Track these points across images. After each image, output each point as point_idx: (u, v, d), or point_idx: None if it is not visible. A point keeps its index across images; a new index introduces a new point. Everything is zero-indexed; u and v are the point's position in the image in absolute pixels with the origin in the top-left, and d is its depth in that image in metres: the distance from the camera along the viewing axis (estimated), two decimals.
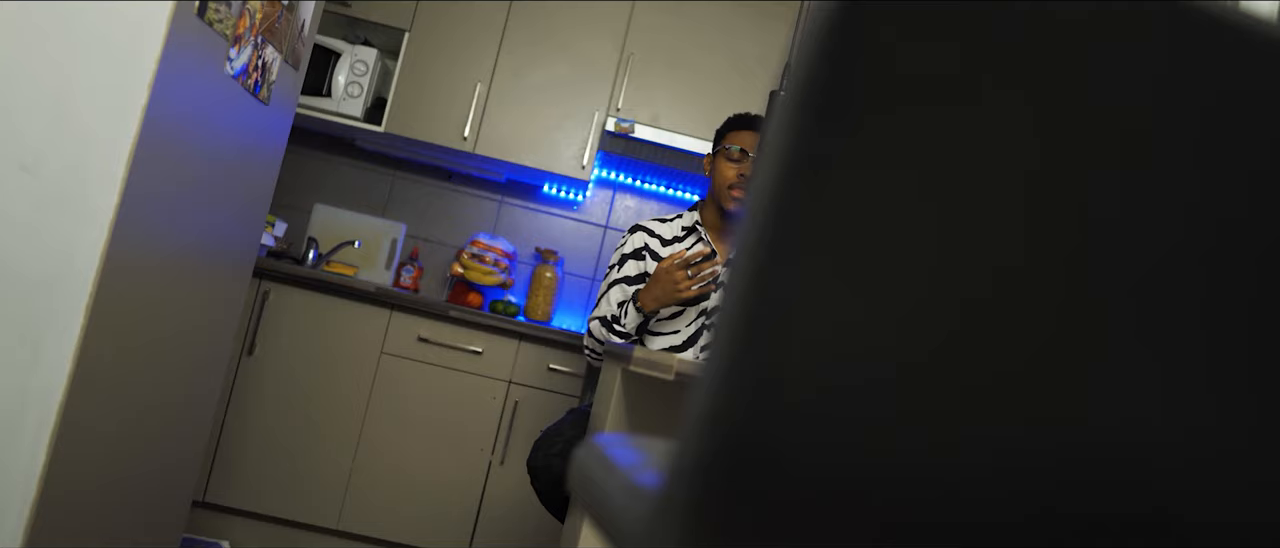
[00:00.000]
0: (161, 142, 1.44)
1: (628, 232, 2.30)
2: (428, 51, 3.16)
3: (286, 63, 1.89)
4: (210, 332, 1.87)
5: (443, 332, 2.88)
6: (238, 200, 1.84)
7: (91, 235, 1.31)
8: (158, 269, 1.55)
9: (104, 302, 1.35)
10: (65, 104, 1.29)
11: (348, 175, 3.47)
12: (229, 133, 1.71)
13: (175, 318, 1.67)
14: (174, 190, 1.54)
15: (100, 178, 1.30)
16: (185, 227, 1.62)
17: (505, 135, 3.17)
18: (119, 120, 1.32)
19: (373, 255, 3.36)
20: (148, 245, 1.48)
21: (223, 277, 1.87)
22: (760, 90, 3.24)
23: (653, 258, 2.23)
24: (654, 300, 2.06)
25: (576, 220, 3.55)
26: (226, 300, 1.92)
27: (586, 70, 3.21)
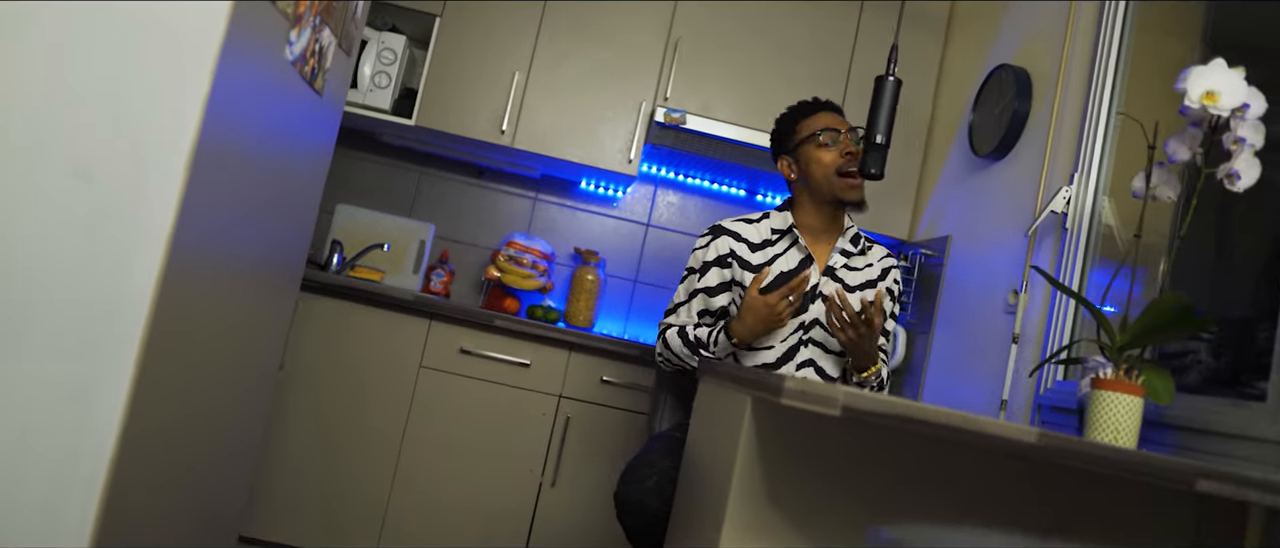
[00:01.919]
0: (221, 139, 1.21)
1: (707, 234, 2.07)
2: (461, 38, 2.92)
3: (340, 48, 1.65)
4: (259, 357, 1.64)
5: (487, 342, 2.66)
6: (290, 204, 1.61)
7: (148, 256, 1.08)
8: (212, 290, 1.32)
9: (158, 335, 1.13)
10: (121, 96, 1.06)
11: (372, 172, 3.23)
12: (284, 128, 1.48)
13: (227, 347, 1.44)
14: (231, 195, 1.31)
15: (159, 182, 1.07)
16: (240, 237, 1.39)
17: (545, 128, 2.94)
18: (179, 113, 1.10)
19: (399, 259, 3.12)
20: (203, 262, 1.25)
21: (273, 292, 1.64)
22: (814, 74, 3.02)
23: (740, 265, 2.01)
24: (750, 334, 1.88)
25: (616, 218, 3.33)
26: (275, 319, 1.69)
27: (631, 57, 2.98)
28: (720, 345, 1.91)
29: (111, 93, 1.06)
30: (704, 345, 1.94)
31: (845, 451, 1.43)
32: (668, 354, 2.02)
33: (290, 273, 1.74)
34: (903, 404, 1.18)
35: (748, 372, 1.40)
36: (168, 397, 1.23)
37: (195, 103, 1.11)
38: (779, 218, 2.06)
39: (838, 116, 2.03)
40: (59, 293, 1.04)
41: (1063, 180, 2.23)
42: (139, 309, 1.07)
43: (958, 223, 2.73)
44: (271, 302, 1.65)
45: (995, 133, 2.55)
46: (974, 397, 2.35)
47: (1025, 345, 2.22)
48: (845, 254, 2.04)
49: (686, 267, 2.09)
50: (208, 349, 1.36)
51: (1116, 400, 1.45)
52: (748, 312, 1.86)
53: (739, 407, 1.40)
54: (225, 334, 1.42)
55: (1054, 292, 2.14)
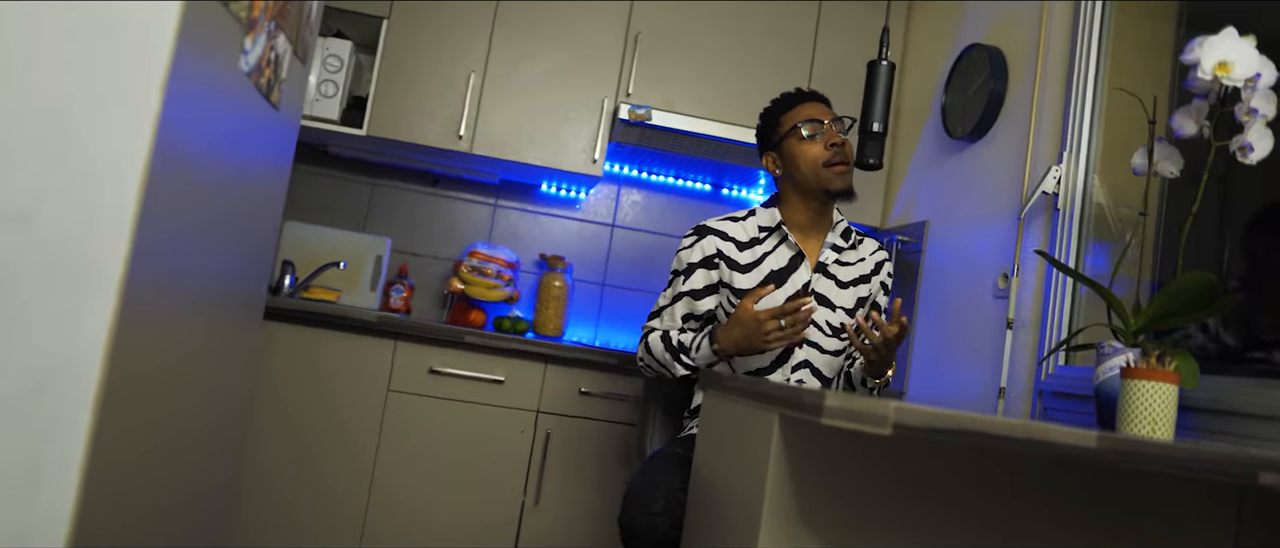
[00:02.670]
0: (175, 165, 1.06)
1: (692, 234, 1.97)
2: (410, 42, 2.77)
3: (296, 56, 1.50)
4: (224, 397, 1.48)
5: (457, 361, 2.51)
6: (249, 229, 1.46)
7: (99, 304, 0.93)
8: (171, 332, 1.16)
9: (114, 396, 0.98)
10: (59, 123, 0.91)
11: (321, 186, 3.05)
12: (241, 147, 1.33)
13: (189, 392, 1.29)
14: (188, 226, 1.16)
15: (109, 218, 0.92)
16: (199, 270, 1.24)
17: (504, 131, 2.80)
18: (128, 135, 0.95)
19: (356, 276, 2.95)
20: (162, 301, 1.10)
21: (236, 323, 1.49)
22: (777, 63, 2.93)
23: (728, 266, 1.91)
24: (733, 347, 1.77)
25: (580, 221, 3.20)
26: (238, 355, 1.54)
27: (590, 55, 2.86)
28: (701, 353, 1.82)
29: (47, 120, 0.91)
30: (686, 351, 1.85)
31: (882, 466, 1.34)
32: (649, 360, 1.93)
33: (252, 301, 1.59)
34: (958, 417, 1.09)
35: (771, 386, 1.29)
36: (126, 457, 1.07)
37: (144, 127, 0.97)
38: (766, 215, 1.97)
39: (822, 106, 1.94)
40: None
41: (1047, 160, 2.18)
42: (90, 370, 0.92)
43: (935, 207, 2.67)
44: (235, 334, 1.49)
45: (971, 114, 2.49)
46: (967, 386, 2.29)
47: (1021, 331, 2.16)
48: (836, 249, 1.95)
49: (671, 269, 1.98)
50: (169, 397, 1.21)
51: (1151, 390, 1.39)
52: (735, 324, 1.76)
53: (763, 426, 1.30)
54: (187, 376, 1.27)
55: (1049, 274, 2.08)
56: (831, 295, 1.92)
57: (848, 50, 2.97)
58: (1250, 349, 1.75)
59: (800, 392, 1.20)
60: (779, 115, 1.96)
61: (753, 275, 1.90)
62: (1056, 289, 2.05)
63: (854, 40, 2.98)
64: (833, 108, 1.95)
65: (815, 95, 1.97)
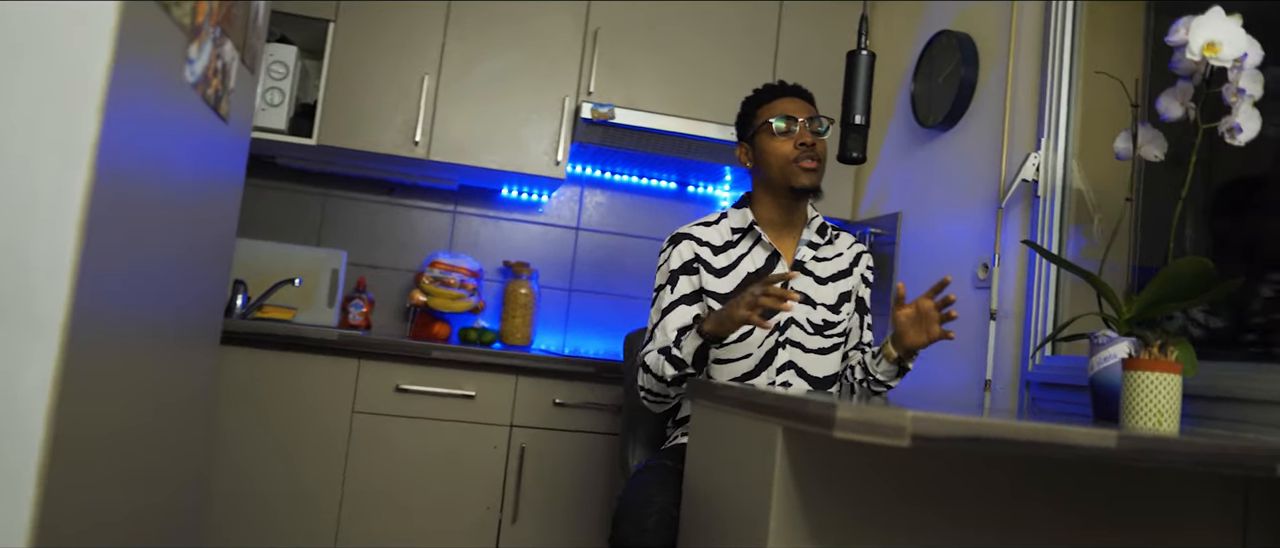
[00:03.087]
0: (118, 192, 0.96)
1: (668, 243, 1.89)
2: (359, 45, 2.65)
3: (243, 64, 1.40)
4: (184, 435, 1.37)
5: (424, 377, 2.41)
6: (201, 253, 1.35)
7: (39, 356, 0.82)
8: (121, 376, 1.06)
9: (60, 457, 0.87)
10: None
11: (270, 200, 2.92)
12: (190, 165, 1.22)
13: (145, 435, 1.18)
14: (134, 260, 1.05)
15: (46, 264, 0.82)
16: (149, 305, 1.13)
17: (462, 135, 2.70)
18: (64, 166, 0.84)
19: (311, 293, 2.83)
20: (108, 348, 1.00)
21: (192, 356, 1.38)
22: (740, 56, 2.87)
23: (706, 270, 1.84)
24: (716, 324, 1.67)
25: (543, 225, 3.11)
26: (197, 386, 1.43)
27: (548, 53, 2.77)
28: (688, 344, 1.71)
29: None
30: (679, 361, 1.74)
31: (887, 472, 1.28)
32: (650, 385, 1.79)
33: (208, 327, 1.48)
34: (978, 425, 1.03)
35: (772, 396, 1.22)
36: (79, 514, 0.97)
37: (82, 156, 0.86)
38: (737, 216, 1.90)
39: (801, 103, 1.87)
40: None
41: (1024, 147, 2.15)
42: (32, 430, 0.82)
43: (908, 198, 2.63)
44: (192, 365, 1.39)
45: (942, 102, 2.45)
46: (951, 380, 2.25)
47: (1004, 321, 2.12)
48: (812, 246, 1.89)
49: (656, 285, 1.90)
50: (123, 444, 1.10)
51: (1154, 382, 1.35)
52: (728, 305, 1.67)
53: (765, 439, 1.23)
54: (142, 419, 1.16)
55: (1032, 263, 2.05)
56: (812, 293, 1.86)
57: (813, 41, 2.92)
58: (1240, 332, 1.73)
59: (805, 402, 1.13)
60: (756, 107, 1.89)
61: (729, 279, 1.84)
62: (1040, 278, 2.02)
63: (819, 30, 2.93)
64: (815, 105, 1.89)
65: (797, 90, 1.90)
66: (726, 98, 2.83)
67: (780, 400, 1.18)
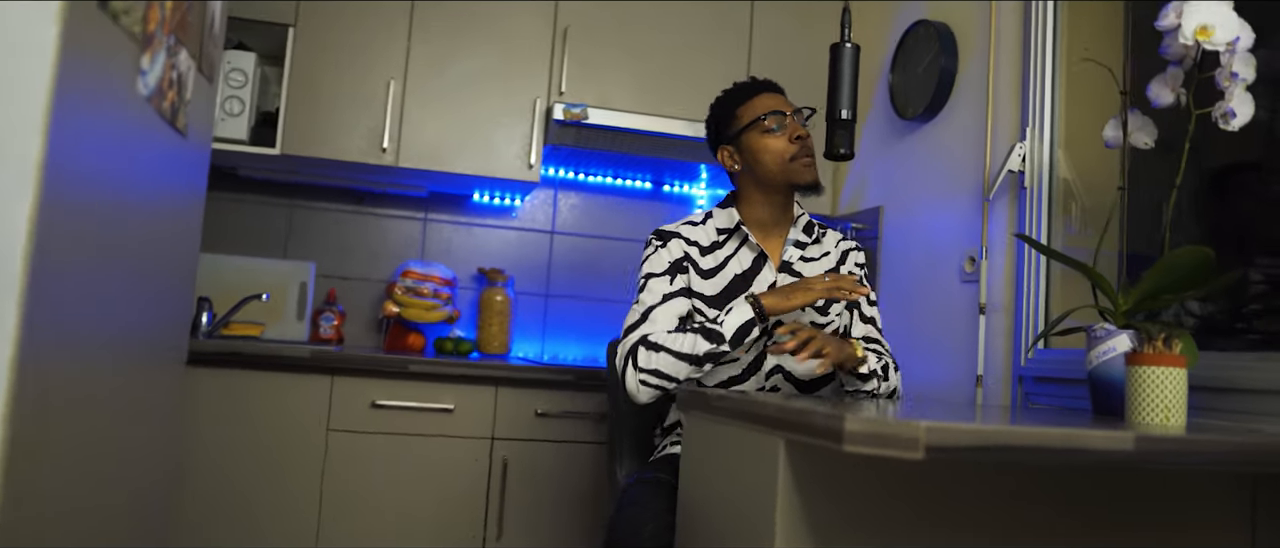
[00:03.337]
0: (70, 216, 0.88)
1: (655, 239, 1.83)
2: (320, 50, 2.56)
3: (201, 74, 1.32)
4: (150, 464, 1.29)
5: (401, 392, 2.33)
6: (163, 274, 1.28)
7: None
8: (80, 410, 0.98)
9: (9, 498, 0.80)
10: None
11: (233, 213, 2.82)
12: (147, 184, 1.14)
13: (108, 466, 1.10)
14: (91, 288, 0.97)
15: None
16: (109, 332, 1.05)
17: (431, 141, 2.62)
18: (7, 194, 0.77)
19: (279, 307, 2.74)
20: (64, 382, 0.92)
21: (157, 380, 1.30)
22: (714, 51, 2.82)
23: (696, 272, 1.78)
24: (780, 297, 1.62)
25: (517, 230, 3.04)
26: (163, 411, 1.35)
27: (517, 53, 2.70)
28: (734, 315, 1.62)
29: None
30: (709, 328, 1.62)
31: (892, 481, 1.23)
32: (663, 366, 1.62)
33: (173, 350, 1.40)
34: (994, 433, 0.98)
35: (774, 407, 1.17)
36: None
37: (26, 183, 0.79)
38: (723, 216, 1.85)
39: (780, 97, 1.83)
40: None
41: (1008, 137, 2.11)
42: None
43: (889, 191, 2.59)
44: (157, 389, 1.31)
45: (922, 94, 2.41)
46: (940, 376, 2.22)
47: (994, 315, 2.09)
48: (799, 246, 1.84)
49: (643, 275, 1.80)
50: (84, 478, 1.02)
51: (1159, 376, 1.31)
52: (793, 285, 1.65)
53: (767, 452, 1.17)
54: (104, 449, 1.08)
55: (1021, 255, 2.01)
56: None
57: (787, 34, 2.87)
58: (1236, 320, 1.71)
59: (809, 413, 1.08)
60: (735, 107, 1.84)
61: (716, 281, 1.78)
62: (1030, 270, 1.98)
63: (793, 23, 2.88)
64: (788, 98, 1.84)
65: (771, 85, 1.85)
66: (701, 95, 2.77)
67: (783, 412, 1.13)
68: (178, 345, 1.45)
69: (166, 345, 1.36)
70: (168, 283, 1.32)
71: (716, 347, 1.62)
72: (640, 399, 1.66)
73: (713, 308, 1.75)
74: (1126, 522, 1.33)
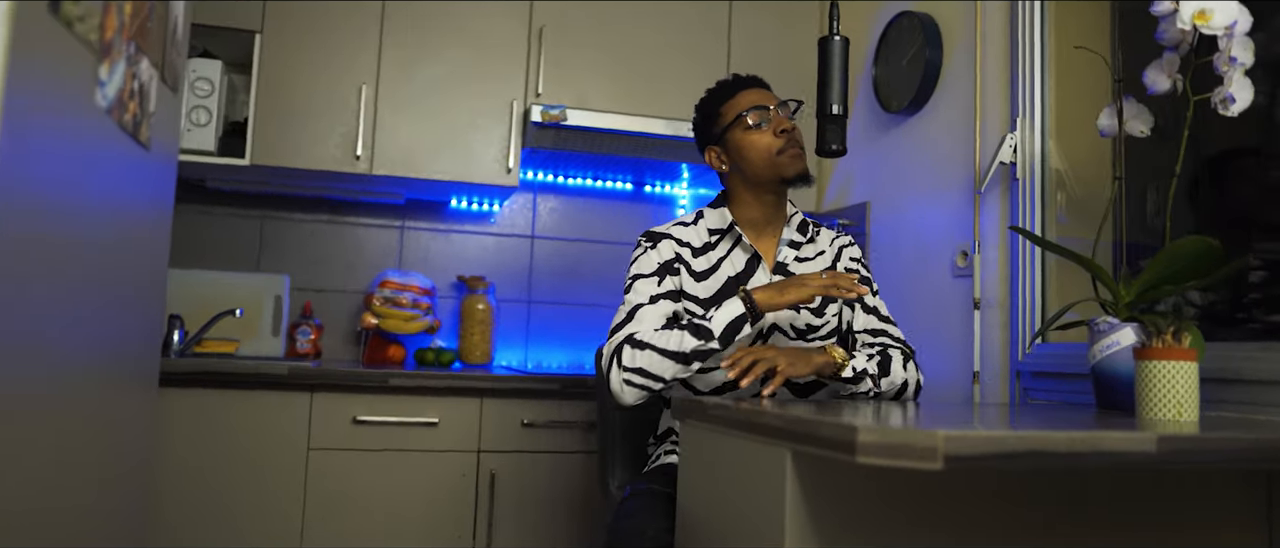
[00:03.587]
0: (26, 236, 0.81)
1: (645, 240, 1.76)
2: (289, 56, 2.48)
3: (164, 84, 1.25)
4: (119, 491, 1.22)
5: (384, 406, 2.26)
6: (129, 289, 1.21)
7: None
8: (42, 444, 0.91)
9: None
10: None
11: (202, 226, 2.73)
12: (110, 200, 1.07)
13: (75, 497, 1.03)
14: (46, 298, 0.91)
15: None
16: (68, 346, 0.98)
17: (406, 146, 2.55)
18: None
19: (253, 322, 2.66)
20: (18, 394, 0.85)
21: (127, 401, 1.23)
22: (693, 48, 2.77)
23: (688, 273, 1.73)
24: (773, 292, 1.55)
25: (497, 235, 2.97)
26: (133, 434, 1.28)
27: (492, 54, 2.63)
28: (723, 310, 1.55)
29: None
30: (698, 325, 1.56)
31: (906, 490, 1.18)
32: (649, 365, 1.55)
33: (143, 369, 1.33)
34: (1016, 439, 0.94)
35: (778, 416, 1.12)
36: None
37: None
38: (715, 216, 1.79)
39: (764, 92, 1.78)
40: None
41: (997, 129, 2.08)
42: None
43: (875, 187, 2.55)
44: (126, 411, 1.24)
45: (907, 86, 2.38)
46: (935, 373, 2.18)
47: (988, 310, 2.06)
48: (793, 246, 1.79)
49: (630, 276, 1.73)
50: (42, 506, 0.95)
51: (1170, 371, 1.28)
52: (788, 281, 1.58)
53: (772, 464, 1.12)
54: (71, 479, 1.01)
55: (1015, 248, 1.98)
56: None
57: (767, 31, 2.83)
58: (1238, 310, 1.68)
59: (818, 423, 1.03)
60: (719, 105, 1.78)
61: (709, 284, 1.73)
62: (1025, 263, 1.95)
63: (773, 20, 2.84)
64: (773, 92, 1.80)
65: (755, 80, 1.80)
66: (681, 93, 2.73)
67: (789, 422, 1.08)
68: (148, 366, 1.38)
69: (136, 366, 1.29)
70: (135, 301, 1.25)
71: (705, 343, 1.55)
72: (625, 400, 1.59)
73: (703, 308, 1.70)
74: (1138, 522, 1.30)
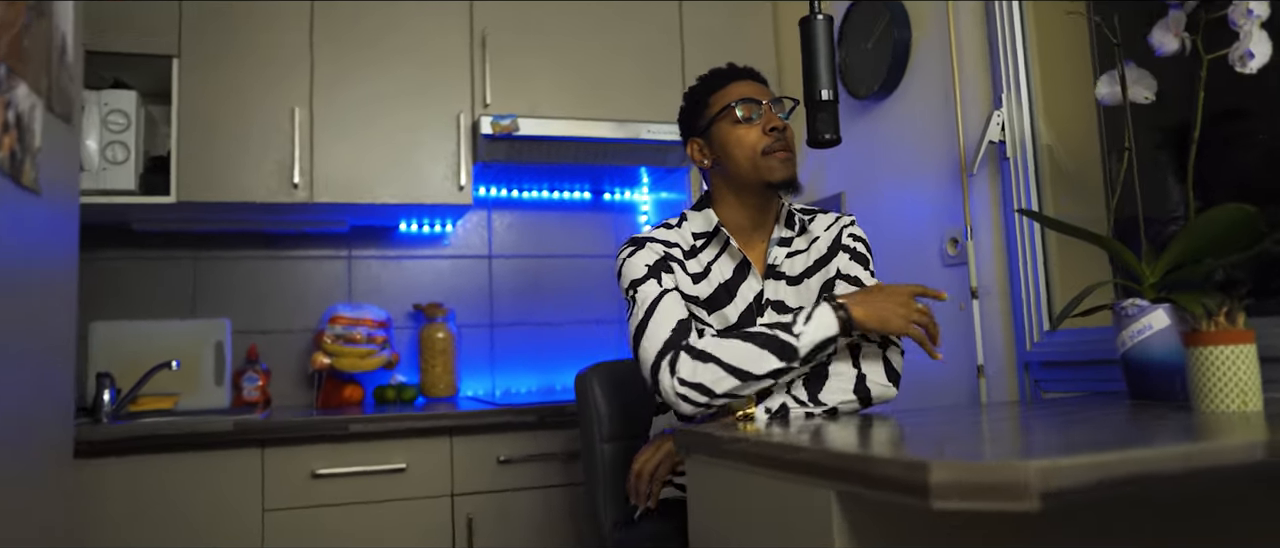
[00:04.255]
0: None
1: (628, 246, 1.57)
2: (212, 81, 2.27)
3: (54, 115, 1.05)
4: None
5: (344, 456, 2.06)
6: (29, 354, 1.01)
7: None
8: None
9: None
10: None
11: (129, 273, 2.50)
12: None
13: None
14: None
15: None
16: None
17: (348, 170, 2.35)
18: None
19: (193, 373, 2.43)
20: None
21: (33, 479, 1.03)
22: (646, 45, 2.61)
23: (684, 272, 1.55)
24: (873, 320, 1.38)
25: (452, 258, 2.78)
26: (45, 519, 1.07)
27: (433, 64, 2.45)
28: (817, 323, 1.36)
29: None
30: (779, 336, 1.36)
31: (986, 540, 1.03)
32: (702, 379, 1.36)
33: (53, 442, 1.13)
34: (1118, 461, 0.79)
35: (820, 454, 0.96)
36: None
37: None
38: (699, 218, 1.63)
39: (758, 85, 1.61)
40: None
41: (979, 107, 1.96)
42: None
43: (848, 176, 2.42)
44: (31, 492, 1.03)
45: (875, 70, 2.25)
46: (935, 369, 2.05)
47: (987, 299, 1.93)
48: (784, 243, 1.62)
49: (631, 282, 1.52)
50: None
51: (1229, 357, 1.15)
52: (877, 291, 1.41)
53: (813, 509, 0.96)
54: None
55: (1011, 232, 1.86)
56: (787, 298, 1.59)
57: (719, 29, 2.69)
58: (1269, 281, 1.57)
59: (871, 459, 0.87)
60: (708, 94, 1.62)
61: (702, 287, 1.56)
62: (1024, 247, 1.83)
63: (723, 20, 2.70)
64: (770, 88, 1.63)
65: (750, 73, 1.63)
66: (635, 95, 2.58)
67: (834, 457, 0.92)
68: (59, 436, 1.18)
69: (44, 437, 1.09)
70: (37, 365, 1.05)
71: (788, 364, 1.36)
72: (683, 411, 1.40)
73: (703, 310, 1.54)
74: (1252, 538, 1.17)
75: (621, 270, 1.56)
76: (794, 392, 1.40)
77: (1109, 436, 0.97)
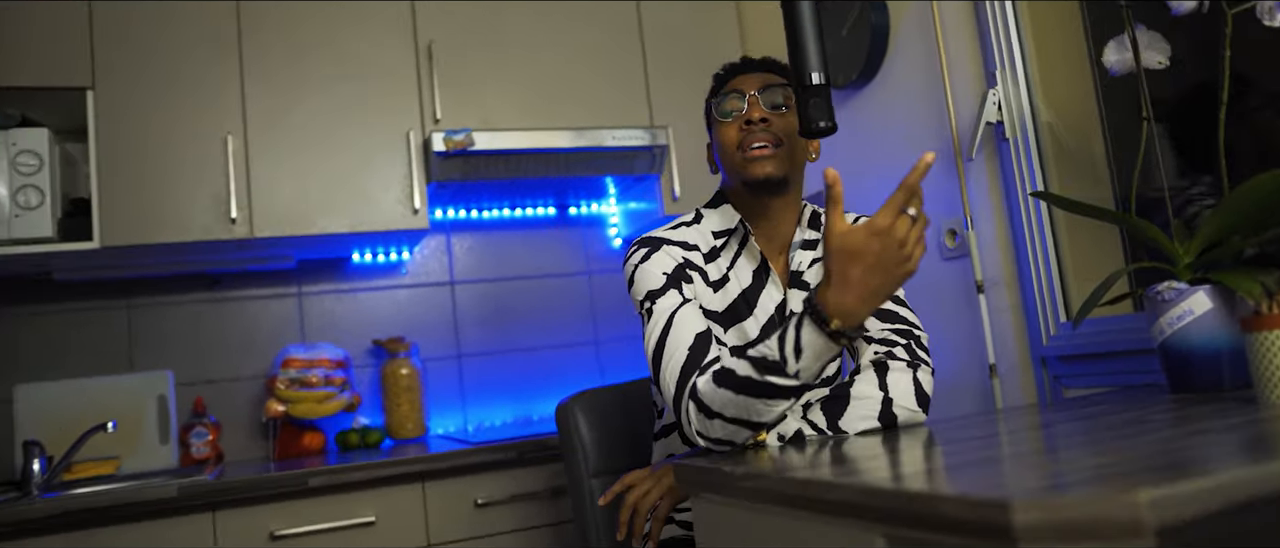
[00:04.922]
0: None
1: (638, 247, 1.39)
2: (132, 112, 2.07)
3: None
4: None
5: (306, 512, 1.87)
6: None
7: None
8: None
9: None
10: None
11: (54, 327, 2.28)
12: None
13: None
14: None
15: None
16: None
17: (289, 200, 2.16)
18: None
19: (134, 432, 2.22)
20: None
21: None
22: (603, 44, 2.46)
23: (704, 281, 1.38)
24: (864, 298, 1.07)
25: (411, 287, 2.60)
26: None
27: (376, 79, 2.27)
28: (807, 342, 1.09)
29: None
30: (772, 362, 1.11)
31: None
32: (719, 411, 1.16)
33: None
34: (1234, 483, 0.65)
35: (861, 490, 0.81)
36: None
37: None
38: (719, 216, 1.43)
39: (756, 75, 1.43)
40: None
41: (970, 88, 1.83)
42: None
43: (833, 168, 2.28)
44: None
45: (853, 57, 2.12)
46: (942, 370, 1.91)
47: (994, 292, 1.80)
48: (807, 246, 1.45)
49: (648, 293, 1.33)
50: None
51: None
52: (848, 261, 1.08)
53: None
54: None
55: (1015, 219, 1.73)
56: None
57: (681, 26, 2.55)
58: None
59: (929, 497, 0.72)
60: (712, 93, 1.46)
61: (722, 296, 1.38)
62: (1032, 234, 1.70)
63: (684, 16, 2.57)
64: (782, 74, 1.45)
65: (755, 64, 1.45)
66: (595, 100, 2.43)
67: (884, 497, 0.76)
68: None
69: None
70: None
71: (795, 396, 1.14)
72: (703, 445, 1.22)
73: (720, 326, 1.37)
74: None
75: (634, 278, 1.36)
76: (810, 416, 1.23)
77: (1209, 449, 0.83)
